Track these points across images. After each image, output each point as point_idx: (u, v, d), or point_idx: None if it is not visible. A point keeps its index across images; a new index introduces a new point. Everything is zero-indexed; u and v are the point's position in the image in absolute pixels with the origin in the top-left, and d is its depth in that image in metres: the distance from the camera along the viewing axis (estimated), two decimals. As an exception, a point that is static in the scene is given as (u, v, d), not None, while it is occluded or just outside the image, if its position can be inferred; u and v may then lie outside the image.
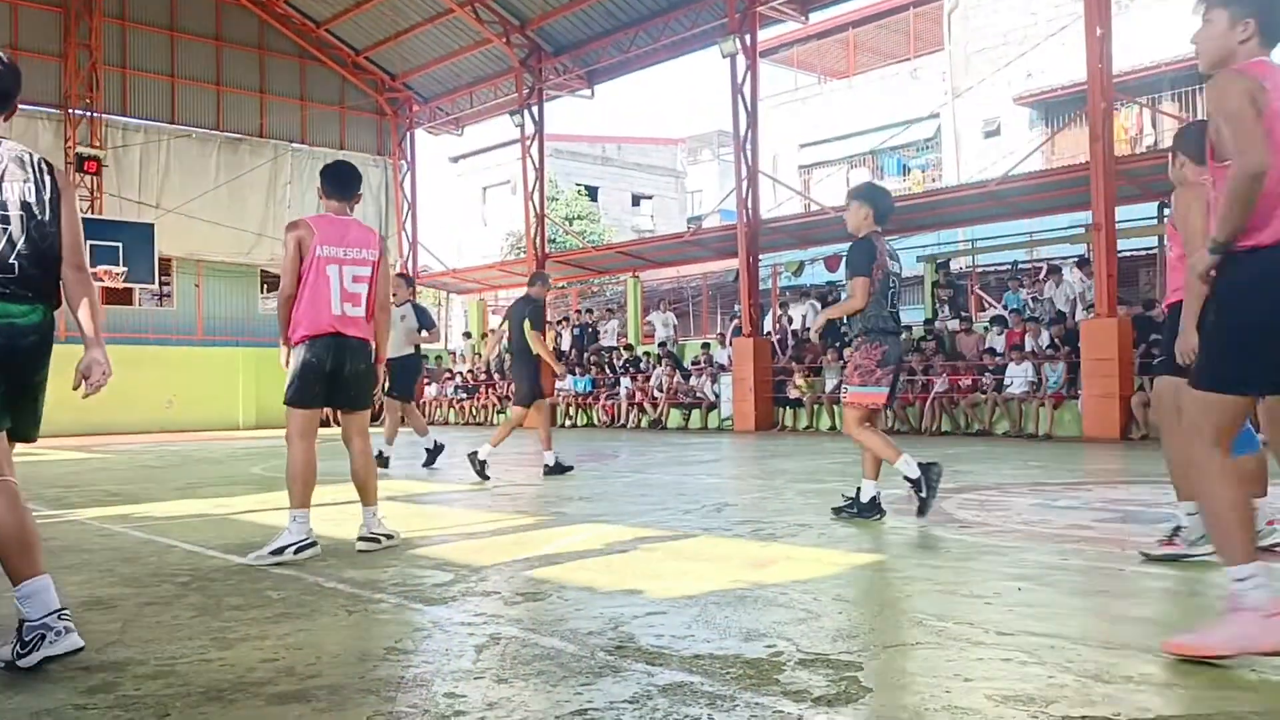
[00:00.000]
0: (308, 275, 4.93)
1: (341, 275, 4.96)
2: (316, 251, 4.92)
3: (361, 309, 5.03)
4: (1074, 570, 4.17)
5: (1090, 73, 13.28)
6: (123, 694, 2.63)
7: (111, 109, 22.99)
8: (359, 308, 5.02)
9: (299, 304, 4.98)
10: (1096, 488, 7.28)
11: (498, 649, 3.04)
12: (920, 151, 29.37)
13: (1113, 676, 2.60)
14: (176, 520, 6.43)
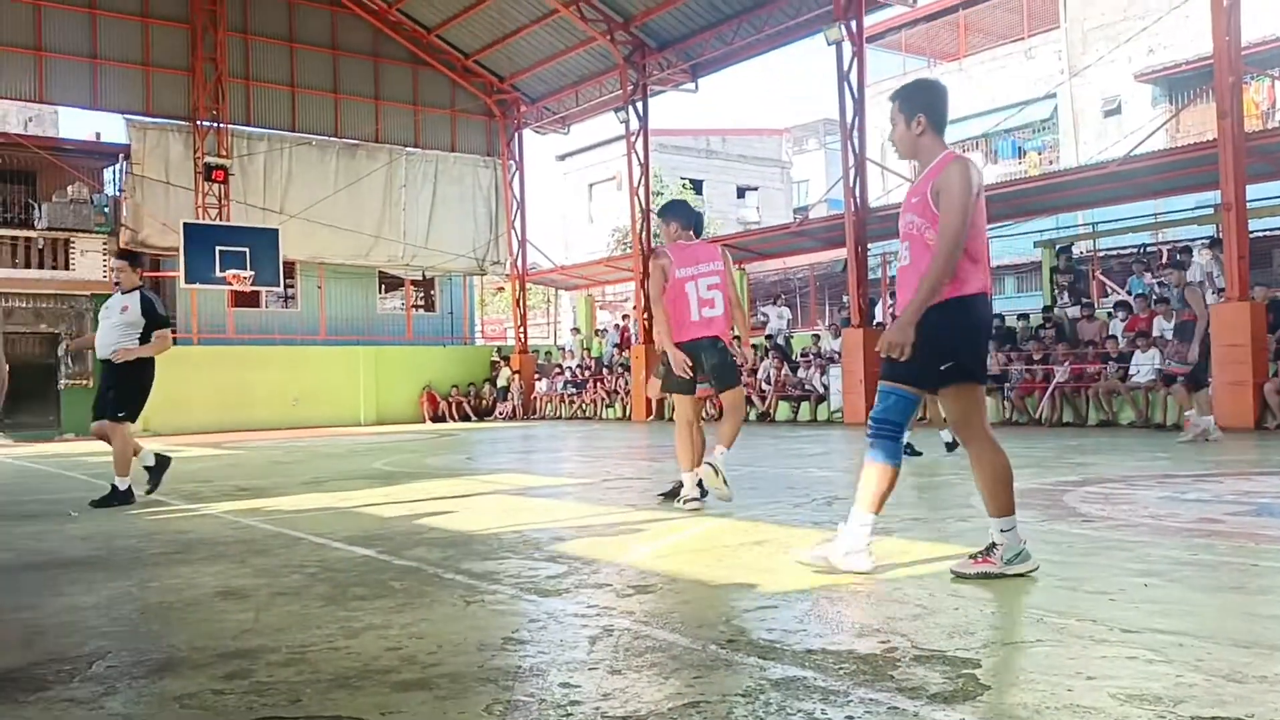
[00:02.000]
0: (671, 293, 6.16)
1: (697, 288, 6.15)
2: (676, 274, 6.13)
3: (718, 309, 6.18)
4: (1204, 565, 4.01)
5: (1216, 45, 12.66)
6: (257, 680, 2.76)
7: (236, 119, 23.99)
8: (715, 309, 6.17)
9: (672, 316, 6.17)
10: (1228, 479, 6.97)
11: (611, 640, 3.09)
12: (1036, 133, 28.49)
13: (1245, 676, 2.50)
14: (303, 513, 6.69)
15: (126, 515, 6.88)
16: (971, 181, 3.82)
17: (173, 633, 3.39)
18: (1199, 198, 17.91)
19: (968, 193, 3.79)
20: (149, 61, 23.26)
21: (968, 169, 3.84)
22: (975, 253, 3.87)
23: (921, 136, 3.95)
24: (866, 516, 3.99)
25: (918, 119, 3.93)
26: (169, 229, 22.07)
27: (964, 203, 3.78)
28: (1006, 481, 3.85)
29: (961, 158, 3.89)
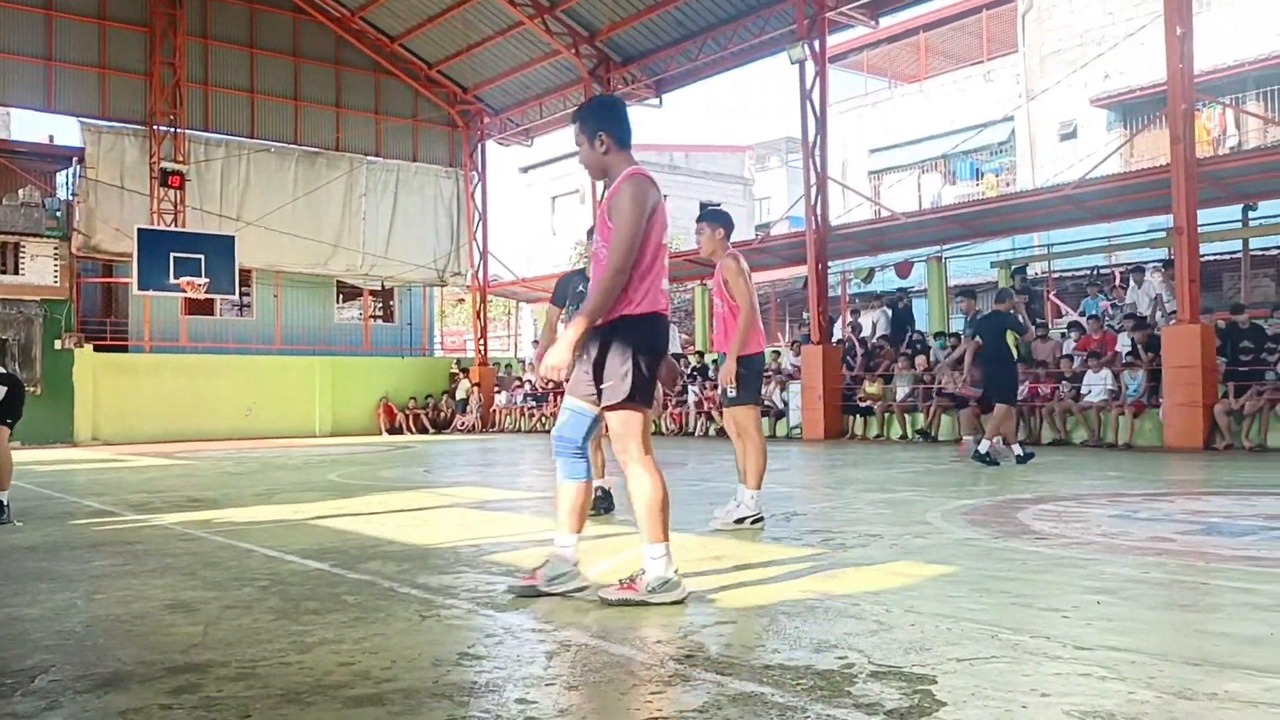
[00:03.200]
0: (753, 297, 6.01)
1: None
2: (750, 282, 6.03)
3: None
4: (1155, 584, 4.06)
5: (1170, 73, 12.94)
6: (206, 695, 2.70)
7: (194, 125, 23.73)
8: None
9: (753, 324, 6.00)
10: (1179, 499, 7.08)
11: (568, 656, 3.07)
12: (994, 155, 28.89)
13: (1195, 693, 2.53)
14: (256, 525, 6.59)
15: (73, 525, 6.74)
16: (645, 198, 3.74)
17: (119, 646, 3.31)
18: (1151, 221, 18.24)
19: (639, 210, 3.72)
20: (105, 64, 22.94)
21: (641, 185, 3.76)
22: (647, 271, 3.79)
23: (607, 155, 3.89)
24: (567, 538, 3.97)
25: (599, 138, 3.87)
26: (123, 234, 21.74)
27: (633, 219, 3.70)
28: (659, 509, 3.77)
29: (638, 174, 3.80)
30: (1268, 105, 22.37)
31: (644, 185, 3.78)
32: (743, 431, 6.15)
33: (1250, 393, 12.36)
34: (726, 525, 5.91)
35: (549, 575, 3.96)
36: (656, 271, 3.83)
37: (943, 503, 7.03)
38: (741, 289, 5.96)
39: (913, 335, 18.44)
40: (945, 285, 20.17)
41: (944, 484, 8.57)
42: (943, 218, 19.19)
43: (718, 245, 6.10)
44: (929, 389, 16.23)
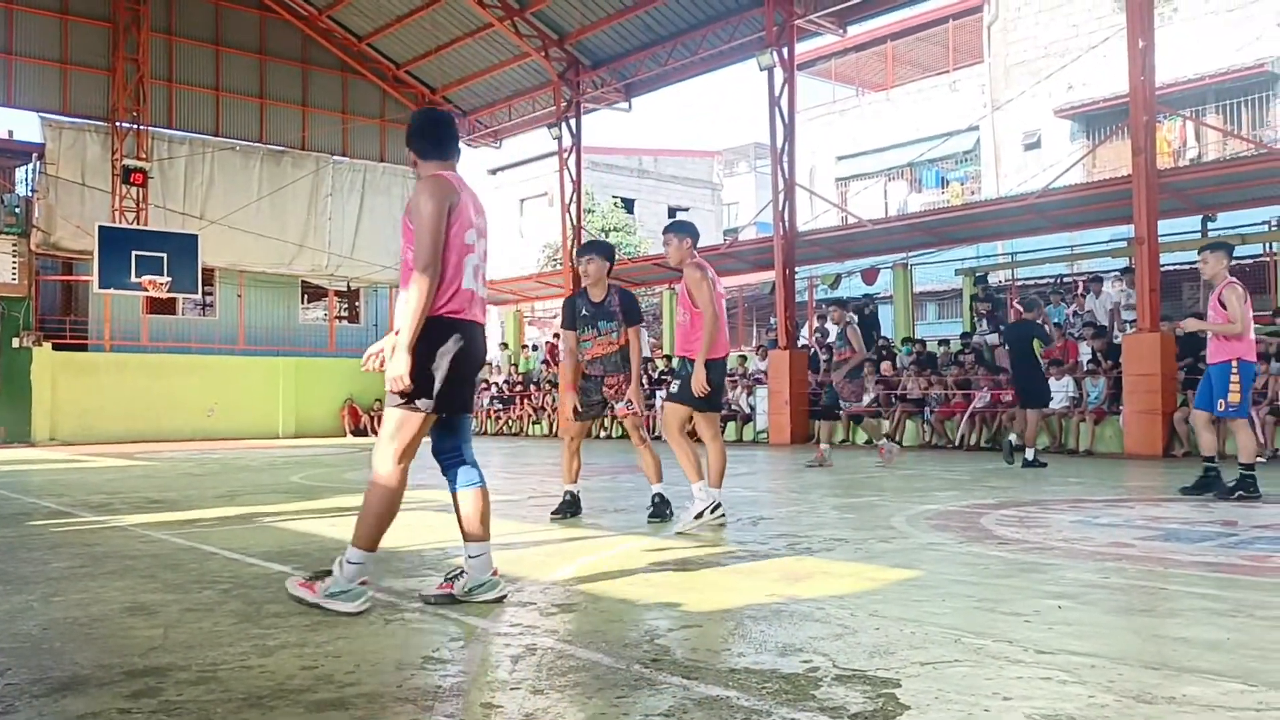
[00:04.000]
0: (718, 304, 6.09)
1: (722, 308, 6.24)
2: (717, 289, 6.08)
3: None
4: (1115, 589, 4.12)
5: (1132, 85, 13.14)
6: (165, 699, 2.67)
7: (158, 122, 23.44)
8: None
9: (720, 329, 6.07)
10: (1138, 505, 7.18)
11: (534, 660, 3.05)
12: (959, 164, 29.19)
13: (1155, 697, 2.57)
14: (217, 527, 6.51)
15: (30, 527, 6.62)
16: (437, 199, 3.72)
17: (77, 649, 3.26)
18: (1113, 231, 18.53)
19: (435, 212, 3.70)
20: (67, 59, 22.62)
21: (434, 186, 3.76)
22: (444, 273, 3.75)
23: (416, 167, 3.99)
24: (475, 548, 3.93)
25: (410, 154, 4.00)
26: (83, 232, 21.43)
27: (430, 223, 3.69)
28: (382, 517, 3.74)
29: (435, 177, 3.81)
30: (1227, 118, 22.78)
31: (436, 185, 3.76)
32: (704, 436, 6.21)
33: (1208, 401, 12.54)
34: (688, 527, 5.93)
35: (466, 586, 3.88)
36: (457, 275, 3.77)
37: (907, 507, 7.08)
38: (704, 297, 6.02)
39: (879, 341, 18.57)
40: (911, 292, 20.35)
41: (908, 489, 8.63)
42: (908, 225, 19.36)
43: (685, 254, 6.18)
44: (894, 395, 16.35)
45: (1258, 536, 5.49)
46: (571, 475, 6.77)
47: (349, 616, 3.65)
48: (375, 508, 3.74)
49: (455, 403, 3.86)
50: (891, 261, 20.32)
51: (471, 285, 3.85)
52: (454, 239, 3.77)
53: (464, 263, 3.80)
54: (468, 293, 3.82)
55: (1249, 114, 22.67)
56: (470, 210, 3.86)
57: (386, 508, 3.75)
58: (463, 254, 3.80)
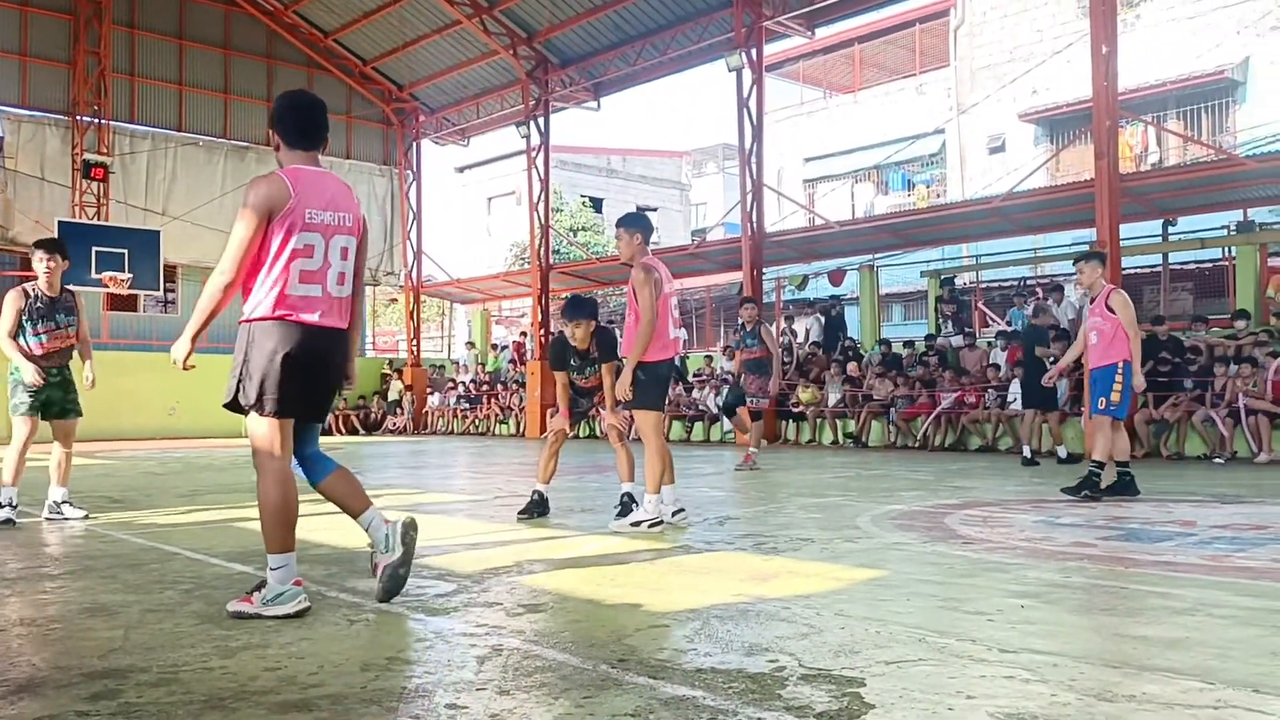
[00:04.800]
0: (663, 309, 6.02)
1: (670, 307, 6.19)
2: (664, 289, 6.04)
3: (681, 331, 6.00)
4: (1077, 588, 4.16)
5: (1095, 90, 13.30)
6: (125, 701, 2.63)
7: (119, 116, 23.08)
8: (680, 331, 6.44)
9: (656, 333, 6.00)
10: (1100, 505, 7.27)
11: (500, 660, 3.04)
12: (925, 167, 29.43)
13: (1115, 695, 2.60)
14: (179, 527, 6.44)
15: (-14, 526, 6.51)
16: (262, 197, 3.69)
17: (35, 651, 3.21)
18: (1076, 234, 18.76)
19: (251, 210, 3.67)
20: (26, 52, 22.24)
21: (264, 184, 3.73)
22: (267, 280, 3.72)
23: (279, 152, 3.94)
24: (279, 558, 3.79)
25: (274, 137, 3.95)
26: (42, 227, 21.02)
27: (245, 218, 3.68)
28: (280, 518, 3.71)
29: (259, 180, 3.77)
30: (1188, 124, 23.13)
31: (262, 182, 3.73)
32: (643, 436, 6.13)
33: (1169, 403, 12.75)
34: (623, 529, 5.94)
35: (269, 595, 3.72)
36: (281, 279, 3.70)
37: (872, 507, 7.13)
38: (645, 298, 5.93)
39: (845, 342, 18.68)
40: (877, 293, 20.47)
41: (874, 489, 8.69)
42: (875, 227, 19.49)
43: (635, 250, 6.12)
44: (859, 395, 16.46)
45: (1216, 536, 5.57)
46: (546, 475, 6.77)
47: (296, 617, 3.61)
48: (268, 510, 3.72)
49: (297, 406, 3.82)
50: (858, 263, 20.45)
51: (303, 290, 3.73)
52: (280, 243, 3.68)
53: (291, 266, 3.70)
54: (298, 297, 3.73)
55: (1209, 120, 23.03)
56: (310, 210, 3.73)
57: (280, 506, 3.72)
58: (291, 258, 3.70)
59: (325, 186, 3.84)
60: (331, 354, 3.87)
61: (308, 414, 3.93)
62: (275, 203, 3.67)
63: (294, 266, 3.70)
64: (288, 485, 3.75)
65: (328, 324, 3.81)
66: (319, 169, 3.90)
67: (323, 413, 4.04)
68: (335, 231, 3.81)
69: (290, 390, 3.73)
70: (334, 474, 3.98)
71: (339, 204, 3.85)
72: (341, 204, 3.87)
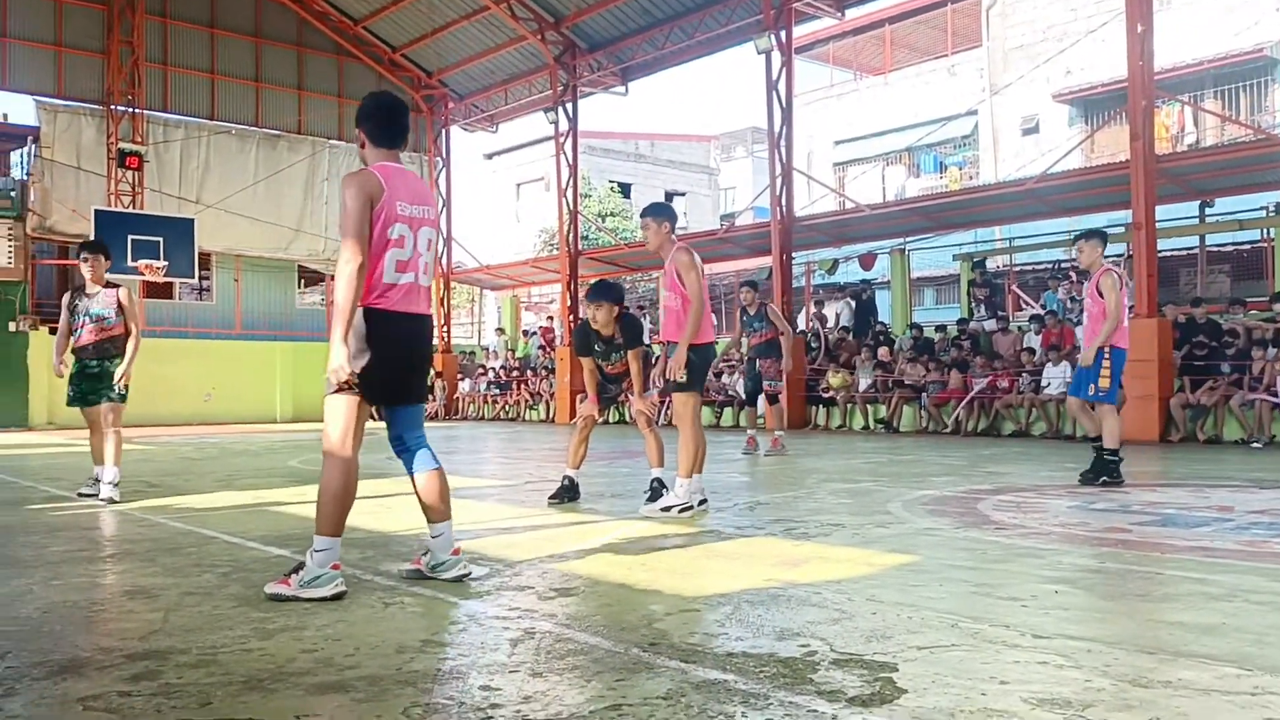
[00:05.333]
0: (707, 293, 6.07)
1: None
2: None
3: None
4: (1111, 574, 4.13)
5: (1131, 70, 13.11)
6: (165, 682, 2.68)
7: (153, 105, 23.34)
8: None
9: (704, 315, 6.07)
10: (1135, 490, 7.20)
11: (532, 643, 3.07)
12: (957, 149, 29.16)
13: (1150, 681, 2.58)
14: (216, 511, 6.52)
15: (28, 510, 6.63)
16: (362, 188, 3.78)
17: (77, 633, 3.27)
18: (1110, 216, 18.51)
19: (356, 202, 3.76)
20: (61, 42, 22.50)
21: (359, 178, 3.82)
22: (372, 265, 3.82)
23: (364, 149, 4.04)
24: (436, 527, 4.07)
25: (360, 135, 4.04)
26: (79, 216, 21.36)
27: (352, 210, 3.75)
28: (338, 502, 3.81)
29: (359, 174, 3.88)
30: (1225, 103, 22.75)
31: (357, 177, 3.82)
32: (679, 420, 6.14)
33: (1205, 387, 12.59)
34: (653, 514, 5.94)
35: (430, 563, 4.07)
36: (376, 269, 3.80)
37: (904, 493, 7.10)
38: (693, 281, 6.00)
39: (876, 327, 18.58)
40: (908, 277, 20.34)
41: (905, 474, 8.66)
42: (906, 210, 19.35)
43: (664, 238, 6.15)
44: (890, 380, 16.38)
45: (1254, 522, 5.51)
46: (575, 461, 6.80)
47: (332, 600, 3.66)
48: (328, 493, 3.81)
49: (390, 393, 3.95)
50: (889, 247, 20.32)
51: (396, 278, 3.84)
52: (377, 234, 3.80)
53: (385, 257, 3.81)
54: (393, 286, 3.83)
55: (1247, 99, 22.65)
56: (400, 203, 3.86)
57: (340, 491, 3.80)
58: (386, 247, 3.81)
59: (409, 181, 3.98)
60: (422, 339, 4.04)
61: (405, 398, 4.05)
62: (372, 193, 3.79)
63: (389, 256, 3.82)
64: (351, 471, 3.84)
65: (418, 310, 3.95)
66: (401, 166, 4.01)
67: (421, 397, 4.15)
68: (421, 224, 3.95)
69: (380, 376, 3.83)
70: (430, 473, 4.10)
71: (422, 198, 4.00)
72: (424, 198, 4.02)
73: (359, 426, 3.87)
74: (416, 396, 4.12)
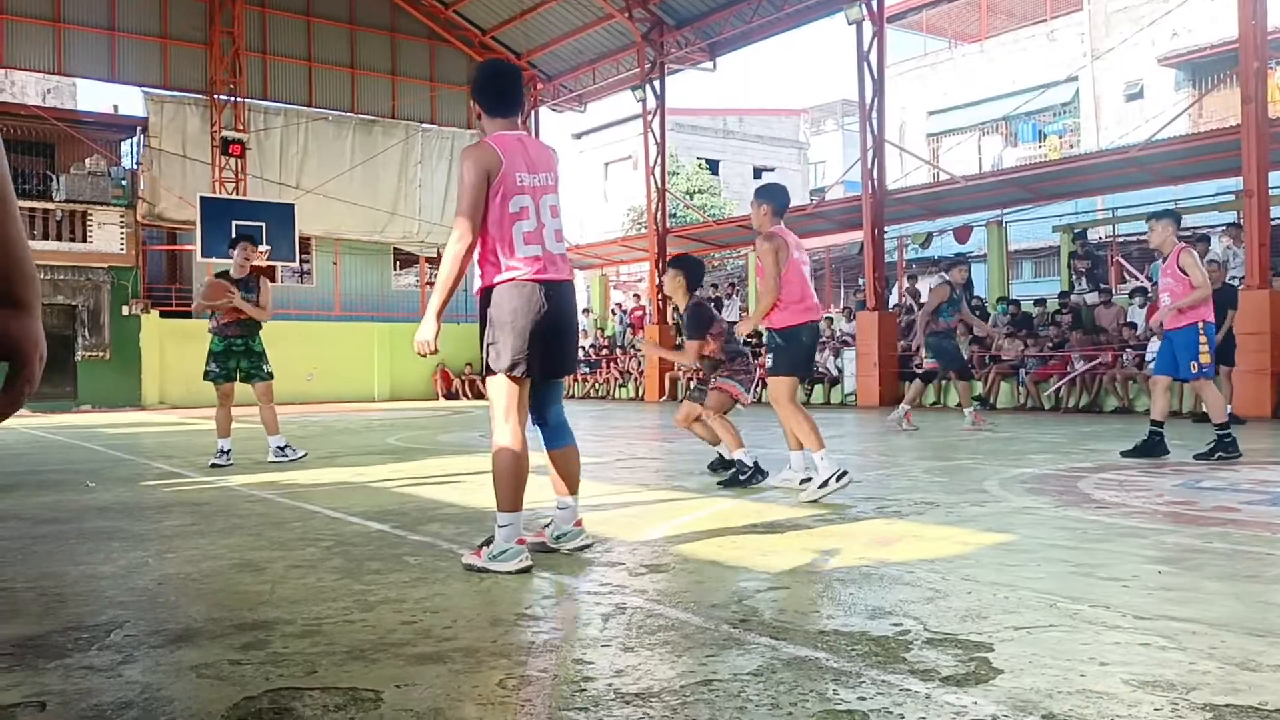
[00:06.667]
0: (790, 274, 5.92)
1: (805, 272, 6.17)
2: (793, 255, 5.97)
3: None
4: (1218, 554, 4.00)
5: (1242, 30, 12.52)
6: (273, 651, 2.79)
7: (253, 93, 24.01)
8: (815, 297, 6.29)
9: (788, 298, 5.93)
10: (1244, 468, 6.94)
11: (624, 618, 3.10)
12: (1057, 117, 28.24)
13: (1259, 665, 2.50)
14: (319, 487, 6.73)
15: (143, 487, 6.94)
16: (479, 164, 3.77)
17: (189, 603, 3.42)
18: (1220, 184, 17.76)
19: (473, 177, 3.76)
20: (166, 34, 23.28)
21: (476, 152, 3.81)
22: (500, 239, 3.80)
23: (480, 120, 4.06)
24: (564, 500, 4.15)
25: (475, 107, 4.08)
26: (185, 203, 22.14)
27: (468, 186, 3.76)
28: (511, 478, 3.84)
29: (470, 149, 3.85)
30: (1346, 62, 21.53)
31: (481, 151, 3.83)
32: (774, 403, 6.01)
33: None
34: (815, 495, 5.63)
35: (554, 534, 4.17)
36: (504, 240, 3.82)
37: (1001, 470, 6.96)
38: (767, 270, 5.91)
39: (972, 301, 18.16)
40: (1005, 250, 19.83)
41: (1002, 451, 8.48)
42: (1003, 180, 18.85)
43: (762, 220, 6.10)
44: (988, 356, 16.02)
45: (1374, 501, 5.26)
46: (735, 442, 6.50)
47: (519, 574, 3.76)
48: (500, 472, 3.88)
49: (542, 366, 3.91)
50: (985, 219, 19.83)
51: (527, 251, 3.84)
52: (499, 209, 3.81)
53: (512, 231, 3.83)
54: (526, 259, 3.84)
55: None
56: (519, 174, 3.86)
57: (511, 469, 3.87)
58: (510, 221, 3.83)
59: (527, 149, 3.97)
60: (565, 309, 3.99)
61: (554, 371, 4.06)
62: (490, 167, 3.82)
63: (515, 230, 3.84)
64: (521, 447, 3.90)
65: (555, 278, 3.93)
66: (518, 133, 4.03)
67: (567, 368, 4.16)
68: (543, 191, 3.94)
69: (533, 349, 3.86)
70: (565, 449, 4.19)
71: (541, 165, 3.98)
72: (542, 165, 3.99)
73: (521, 403, 3.93)
74: (565, 369, 4.13)
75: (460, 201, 3.80)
